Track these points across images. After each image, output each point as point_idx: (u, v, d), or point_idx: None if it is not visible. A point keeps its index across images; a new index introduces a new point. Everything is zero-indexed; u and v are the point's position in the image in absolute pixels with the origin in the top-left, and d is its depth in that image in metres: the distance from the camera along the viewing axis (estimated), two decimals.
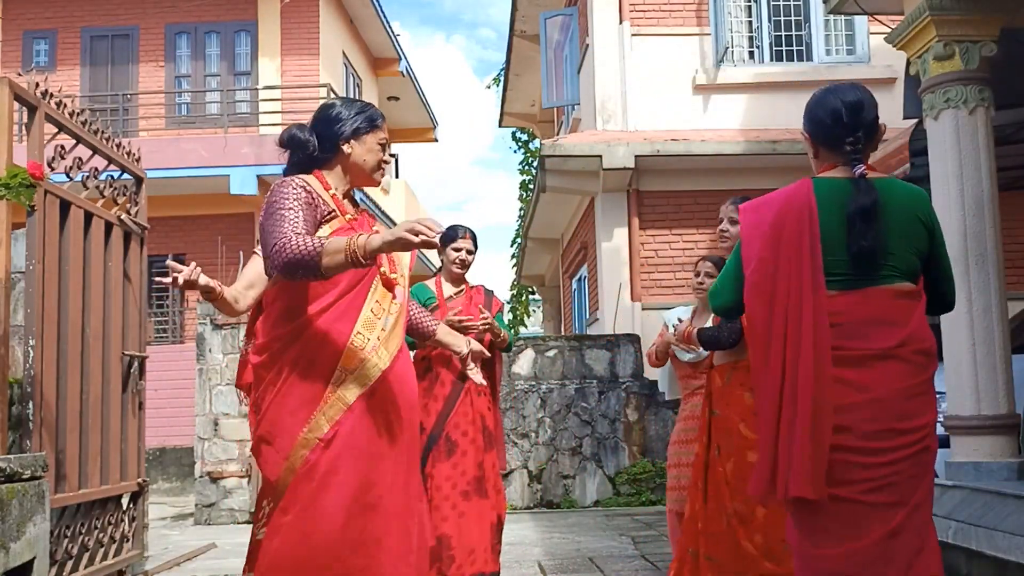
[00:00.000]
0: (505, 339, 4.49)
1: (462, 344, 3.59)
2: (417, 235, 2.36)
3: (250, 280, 3.10)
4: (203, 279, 2.74)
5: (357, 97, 14.26)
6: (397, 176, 19.17)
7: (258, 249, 3.41)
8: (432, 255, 3.24)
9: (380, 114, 2.79)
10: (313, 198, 2.58)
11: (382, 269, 2.66)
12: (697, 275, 4.45)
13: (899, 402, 2.35)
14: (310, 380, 2.51)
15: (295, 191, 2.54)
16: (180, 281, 2.68)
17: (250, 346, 2.83)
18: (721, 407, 3.72)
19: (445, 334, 3.57)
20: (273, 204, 2.53)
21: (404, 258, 2.82)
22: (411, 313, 3.26)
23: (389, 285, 2.68)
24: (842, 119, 2.48)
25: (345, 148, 2.70)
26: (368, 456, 2.51)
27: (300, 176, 2.62)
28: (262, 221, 2.55)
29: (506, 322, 4.60)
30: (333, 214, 2.61)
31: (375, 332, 2.58)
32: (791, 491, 2.31)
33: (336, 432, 2.47)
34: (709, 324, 4.25)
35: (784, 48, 10.05)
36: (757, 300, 2.45)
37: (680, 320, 4.36)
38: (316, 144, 2.70)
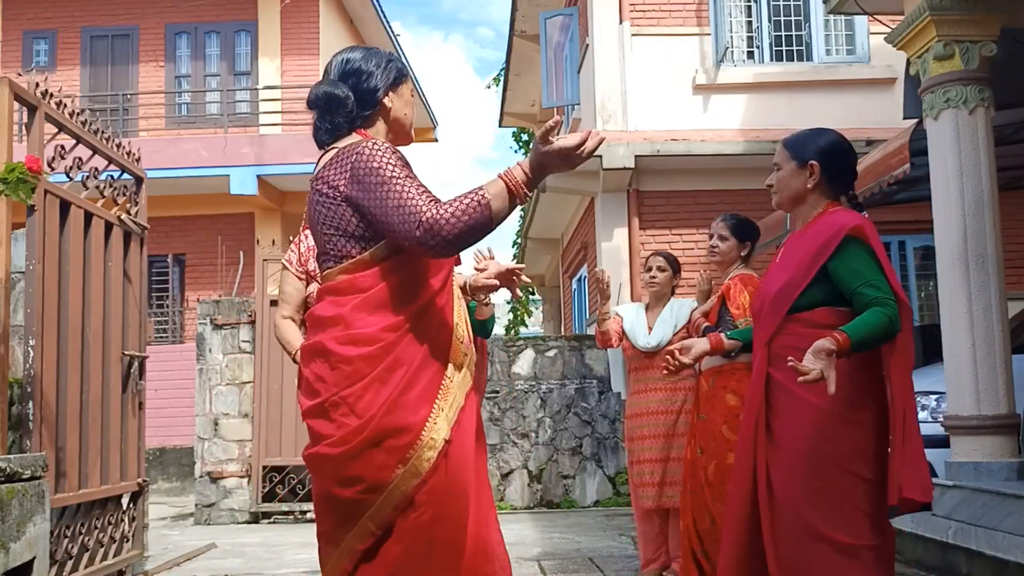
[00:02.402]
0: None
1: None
2: (581, 146, 2.09)
3: (297, 302, 3.56)
4: None
5: None
6: None
7: (289, 264, 3.54)
8: None
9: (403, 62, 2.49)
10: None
11: None
12: (649, 270, 4.58)
13: None
14: (429, 376, 2.21)
15: (395, 154, 2.20)
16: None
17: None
18: (707, 411, 3.83)
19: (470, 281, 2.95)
20: (377, 172, 2.16)
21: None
22: None
23: None
24: (854, 167, 2.89)
25: (387, 102, 2.36)
26: (471, 460, 2.26)
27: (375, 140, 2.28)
28: (369, 196, 2.16)
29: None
30: None
31: (463, 322, 2.32)
32: (903, 494, 2.49)
33: (454, 434, 2.21)
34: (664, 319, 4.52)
35: (784, 48, 10.04)
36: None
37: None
38: (354, 101, 2.34)
